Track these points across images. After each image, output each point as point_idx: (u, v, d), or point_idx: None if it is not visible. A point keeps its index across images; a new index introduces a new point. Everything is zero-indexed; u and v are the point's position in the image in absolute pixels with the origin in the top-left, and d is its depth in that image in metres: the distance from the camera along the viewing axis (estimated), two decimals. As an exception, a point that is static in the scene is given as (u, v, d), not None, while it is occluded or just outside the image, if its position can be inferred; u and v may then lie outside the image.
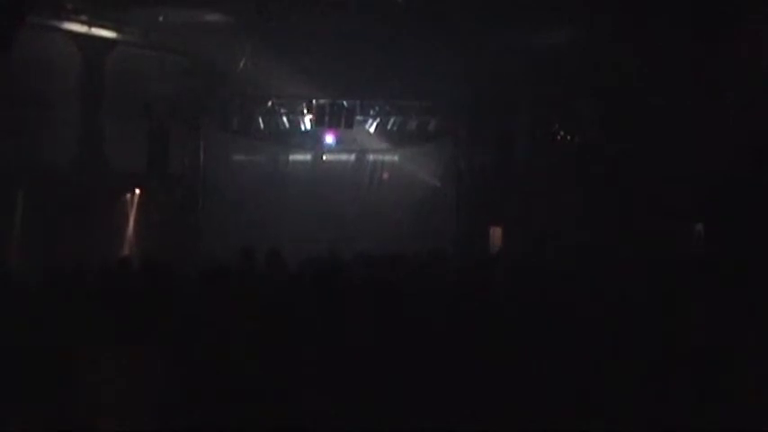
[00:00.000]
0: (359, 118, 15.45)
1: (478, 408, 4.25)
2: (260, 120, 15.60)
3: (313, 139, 16.29)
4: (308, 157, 16.72)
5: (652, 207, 10.97)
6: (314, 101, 14.81)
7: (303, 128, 15.85)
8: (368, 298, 5.58)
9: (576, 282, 6.37)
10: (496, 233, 14.86)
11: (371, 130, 16.10)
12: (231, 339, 4.90)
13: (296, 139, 16.34)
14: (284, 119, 15.67)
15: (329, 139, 16.01)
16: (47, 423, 4.42)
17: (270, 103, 15.24)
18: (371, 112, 15.59)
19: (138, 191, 14.21)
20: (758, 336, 4.35)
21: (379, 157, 16.91)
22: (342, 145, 16.39)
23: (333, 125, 15.31)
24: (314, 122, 15.34)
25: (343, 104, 14.74)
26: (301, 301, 5.58)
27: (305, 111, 15.21)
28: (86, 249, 9.97)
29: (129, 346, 4.73)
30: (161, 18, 11.68)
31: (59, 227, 11.50)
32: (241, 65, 13.23)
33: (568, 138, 13.48)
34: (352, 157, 16.88)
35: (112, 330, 4.92)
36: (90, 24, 11.75)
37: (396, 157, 16.92)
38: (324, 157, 16.73)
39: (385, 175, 16.86)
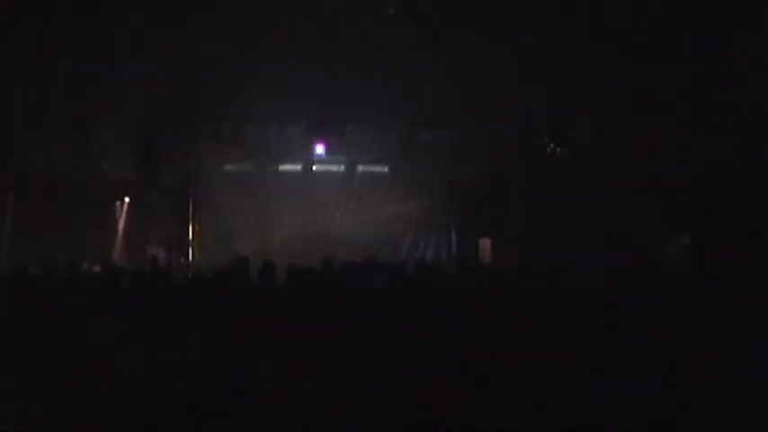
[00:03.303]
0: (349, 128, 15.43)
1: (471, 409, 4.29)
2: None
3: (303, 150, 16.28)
4: (299, 167, 16.72)
5: (641, 219, 11.04)
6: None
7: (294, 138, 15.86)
8: (359, 307, 5.61)
9: (564, 291, 6.39)
10: (486, 245, 14.92)
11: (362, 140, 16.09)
12: (223, 344, 4.91)
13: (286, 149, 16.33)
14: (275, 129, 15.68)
15: (319, 149, 15.97)
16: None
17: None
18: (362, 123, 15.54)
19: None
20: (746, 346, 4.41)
21: (369, 168, 16.93)
22: (332, 156, 16.37)
23: (324, 135, 15.33)
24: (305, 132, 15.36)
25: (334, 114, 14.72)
26: (292, 309, 5.59)
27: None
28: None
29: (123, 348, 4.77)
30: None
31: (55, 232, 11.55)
32: None
33: (558, 150, 13.55)
34: (342, 167, 16.89)
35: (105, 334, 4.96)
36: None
37: (386, 169, 16.95)
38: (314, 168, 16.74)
39: (377, 192, 16.87)
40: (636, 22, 10.26)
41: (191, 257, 15.24)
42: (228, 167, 16.45)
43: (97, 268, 8.56)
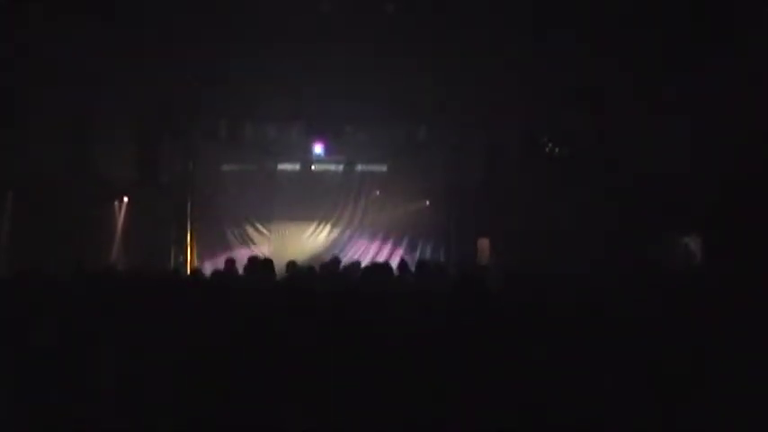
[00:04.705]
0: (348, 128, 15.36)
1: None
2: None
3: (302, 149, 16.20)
4: (297, 167, 16.67)
5: (642, 219, 11.04)
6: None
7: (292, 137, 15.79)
8: (357, 309, 5.59)
9: (567, 294, 6.38)
10: (485, 245, 14.91)
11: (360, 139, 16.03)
12: (217, 347, 4.91)
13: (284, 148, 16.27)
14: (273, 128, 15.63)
15: (318, 148, 15.90)
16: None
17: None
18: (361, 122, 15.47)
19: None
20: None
21: (368, 167, 16.91)
22: (331, 155, 16.30)
23: (322, 134, 15.29)
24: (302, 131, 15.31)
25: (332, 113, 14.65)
26: (292, 311, 5.57)
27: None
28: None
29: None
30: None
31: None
32: None
33: (557, 150, 13.54)
34: (341, 167, 16.87)
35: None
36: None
37: (384, 168, 16.93)
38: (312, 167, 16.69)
39: (376, 192, 16.87)
40: (635, 18, 10.25)
41: (189, 258, 15.24)
42: (227, 167, 16.43)
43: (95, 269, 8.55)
